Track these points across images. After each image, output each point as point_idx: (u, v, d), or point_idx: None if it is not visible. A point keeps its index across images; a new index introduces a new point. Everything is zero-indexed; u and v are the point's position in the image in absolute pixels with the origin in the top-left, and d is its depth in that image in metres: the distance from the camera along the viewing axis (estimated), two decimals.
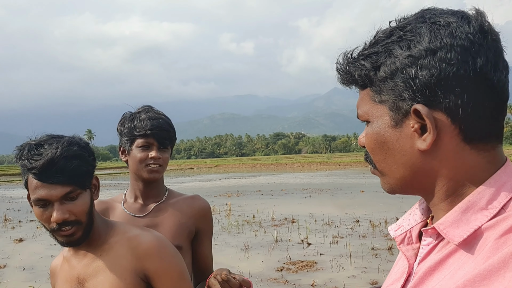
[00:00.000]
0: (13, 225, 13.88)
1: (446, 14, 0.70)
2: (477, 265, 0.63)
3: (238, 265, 7.93)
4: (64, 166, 1.26)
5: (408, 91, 0.68)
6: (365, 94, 0.76)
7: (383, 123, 0.73)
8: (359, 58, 0.75)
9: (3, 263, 8.88)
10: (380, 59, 0.72)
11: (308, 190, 22.89)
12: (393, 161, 0.74)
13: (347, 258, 8.12)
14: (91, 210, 1.36)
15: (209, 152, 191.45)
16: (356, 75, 0.75)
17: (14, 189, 33.02)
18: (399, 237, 0.81)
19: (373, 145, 0.76)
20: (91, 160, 1.36)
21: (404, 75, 0.68)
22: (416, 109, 0.68)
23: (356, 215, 12.78)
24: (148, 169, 1.83)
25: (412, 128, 0.70)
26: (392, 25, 0.75)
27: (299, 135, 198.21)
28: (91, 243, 1.39)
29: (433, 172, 0.71)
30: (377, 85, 0.73)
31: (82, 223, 1.32)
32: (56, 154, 1.26)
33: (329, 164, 56.09)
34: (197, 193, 2.10)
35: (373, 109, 0.75)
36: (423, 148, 0.69)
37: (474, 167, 0.69)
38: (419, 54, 0.67)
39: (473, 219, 0.67)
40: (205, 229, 1.93)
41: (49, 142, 1.29)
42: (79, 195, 1.31)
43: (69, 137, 1.35)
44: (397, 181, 0.75)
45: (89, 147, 1.39)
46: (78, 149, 1.31)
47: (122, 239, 1.40)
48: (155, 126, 1.82)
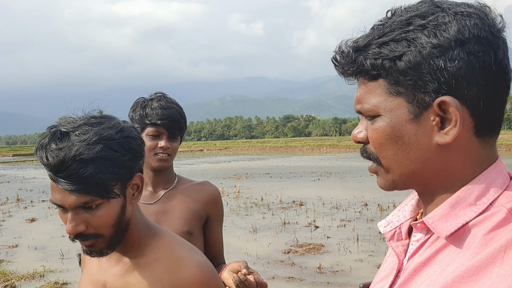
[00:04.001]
0: (25, 205, 14.11)
1: (463, 5, 0.69)
2: (465, 261, 0.63)
3: (246, 247, 8.01)
4: (76, 172, 1.00)
5: (433, 83, 0.65)
6: (375, 86, 0.71)
7: (399, 117, 0.69)
8: (372, 45, 0.69)
9: (15, 243, 9.06)
10: (401, 48, 0.67)
11: (317, 173, 22.89)
12: (406, 156, 0.70)
13: (354, 242, 8.15)
14: (119, 220, 1.10)
15: (219, 134, 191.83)
16: (368, 64, 0.69)
17: (26, 169, 33.46)
18: (388, 233, 0.81)
19: (383, 140, 0.71)
20: (127, 160, 1.07)
21: (431, 66, 0.65)
22: (442, 101, 0.66)
23: (364, 199, 12.78)
24: (157, 158, 1.84)
25: (433, 121, 0.67)
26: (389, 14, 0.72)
27: (309, 118, 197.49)
28: (127, 249, 1.17)
29: (442, 167, 0.69)
30: (394, 75, 0.68)
31: (103, 236, 1.09)
32: (68, 156, 1.00)
33: (339, 147, 55.94)
34: (206, 175, 2.12)
35: (387, 101, 0.70)
36: (444, 142, 0.67)
37: (477, 162, 0.69)
38: (448, 44, 0.65)
39: (462, 214, 0.67)
40: (216, 215, 1.95)
41: (78, 132, 1.04)
42: (100, 206, 1.05)
43: (102, 128, 1.06)
44: (403, 177, 0.72)
45: (128, 141, 1.09)
46: (104, 149, 1.03)
47: (163, 258, 1.16)
48: (166, 116, 1.82)
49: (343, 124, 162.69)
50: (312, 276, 6.41)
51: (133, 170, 1.11)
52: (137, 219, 1.18)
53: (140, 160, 1.13)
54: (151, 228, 1.22)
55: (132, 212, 1.16)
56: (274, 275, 6.48)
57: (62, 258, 7.74)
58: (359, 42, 0.71)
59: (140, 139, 1.15)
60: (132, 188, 1.13)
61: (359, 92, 0.74)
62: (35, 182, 21.15)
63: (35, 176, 24.64)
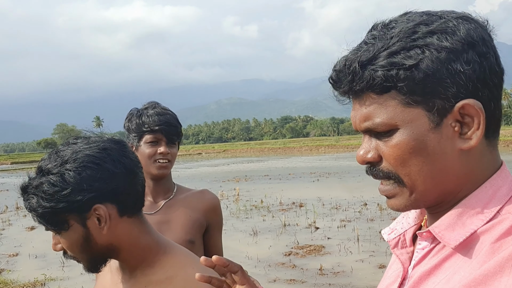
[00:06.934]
0: (25, 213, 14.07)
1: (454, 12, 0.69)
2: (473, 270, 0.62)
3: (247, 250, 8.00)
4: (27, 205, 1.08)
5: (453, 88, 0.64)
6: (386, 99, 0.67)
7: (421, 127, 0.65)
8: (382, 58, 0.65)
9: (15, 251, 9.03)
10: (416, 55, 0.64)
11: (316, 173, 22.89)
12: (432, 168, 0.66)
13: (354, 242, 8.15)
14: (85, 247, 1.08)
15: (217, 137, 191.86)
16: (381, 76, 0.65)
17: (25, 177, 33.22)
18: (392, 241, 0.80)
19: (407, 155, 0.66)
20: (67, 195, 1.02)
21: (449, 70, 0.64)
22: (465, 104, 0.64)
23: (364, 198, 12.78)
24: (157, 165, 1.85)
25: (454, 127, 0.65)
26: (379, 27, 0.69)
27: (307, 119, 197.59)
28: (134, 266, 1.15)
29: (463, 173, 0.67)
30: (410, 85, 0.65)
31: (79, 257, 1.11)
32: (26, 189, 1.09)
33: (337, 147, 55.94)
34: (205, 178, 2.14)
35: (404, 113, 0.66)
36: (468, 147, 0.65)
37: (488, 165, 0.69)
38: (461, 47, 0.64)
39: (469, 223, 0.66)
40: (216, 223, 1.97)
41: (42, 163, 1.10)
42: (62, 233, 1.08)
43: (50, 159, 1.07)
44: (427, 193, 0.68)
45: (75, 173, 1.03)
46: (41, 184, 1.05)
47: (176, 276, 1.13)
48: (163, 122, 1.84)
49: (341, 124, 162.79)
50: (313, 278, 6.40)
51: (83, 203, 1.04)
52: (138, 237, 1.14)
53: (91, 193, 1.04)
54: (160, 244, 1.18)
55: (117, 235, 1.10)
56: (275, 278, 6.47)
57: (62, 266, 7.71)
58: (362, 57, 0.67)
59: (107, 165, 1.06)
60: (97, 218, 1.06)
61: (366, 109, 0.69)
62: None
63: None
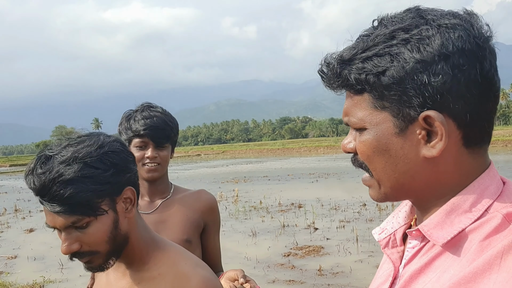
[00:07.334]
0: (23, 215, 14.06)
1: (448, 16, 0.67)
2: (462, 268, 0.63)
3: (246, 251, 8.00)
4: (57, 194, 1.01)
5: (418, 98, 0.65)
6: (360, 100, 0.71)
7: (385, 131, 0.69)
8: (356, 60, 0.68)
9: (14, 254, 9.02)
10: (384, 63, 0.66)
11: (315, 174, 22.91)
12: (394, 169, 0.70)
13: (354, 243, 8.16)
14: (113, 236, 1.09)
15: (216, 138, 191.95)
16: (353, 79, 0.69)
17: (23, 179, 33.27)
18: (383, 241, 0.80)
19: (371, 153, 0.71)
20: (109, 176, 1.05)
21: (415, 81, 0.65)
22: (427, 115, 0.65)
23: (363, 199, 12.79)
24: (145, 168, 1.84)
25: (419, 135, 0.67)
26: (375, 23, 0.71)
27: (306, 119, 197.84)
28: (131, 263, 1.17)
29: (432, 178, 0.69)
30: (379, 90, 0.67)
31: (99, 253, 1.08)
32: (48, 178, 1.01)
33: (336, 148, 55.96)
34: (204, 180, 2.14)
35: (372, 115, 0.70)
36: (431, 155, 0.67)
37: (467, 171, 0.69)
38: (431, 59, 0.64)
39: (457, 222, 0.67)
40: (213, 223, 1.97)
41: (60, 154, 1.04)
42: (90, 223, 1.05)
43: (81, 147, 1.05)
44: (393, 190, 0.72)
45: (110, 156, 1.07)
46: (82, 167, 1.02)
47: (167, 273, 1.16)
48: (148, 126, 1.82)
49: (340, 124, 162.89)
50: (312, 278, 6.40)
51: (120, 184, 1.09)
52: (139, 232, 1.17)
53: (127, 173, 1.11)
54: (155, 241, 1.21)
55: (131, 226, 1.14)
56: (274, 279, 6.47)
57: (61, 268, 7.71)
58: (344, 56, 0.70)
59: (125, 152, 1.13)
60: (124, 202, 1.11)
61: (346, 105, 0.74)
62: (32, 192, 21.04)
63: None
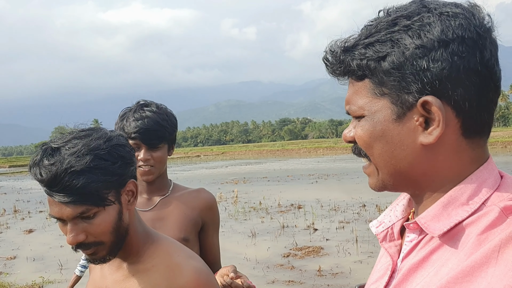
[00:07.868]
0: (22, 216, 14.05)
1: (450, 5, 0.68)
2: (460, 262, 0.63)
3: (245, 252, 8.00)
4: (69, 185, 1.03)
5: (416, 84, 0.66)
6: (361, 87, 0.72)
7: (383, 117, 0.70)
8: (359, 46, 0.70)
9: (13, 254, 9.01)
10: (385, 49, 0.68)
11: (314, 175, 22.90)
12: (391, 155, 0.71)
13: (353, 243, 8.16)
14: (118, 226, 1.13)
15: (215, 139, 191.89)
16: (355, 65, 0.70)
17: (23, 180, 33.32)
18: (381, 234, 0.80)
19: (368, 139, 0.72)
20: (117, 168, 1.10)
21: (414, 66, 0.66)
22: (425, 101, 0.66)
23: (362, 200, 12.79)
24: (140, 170, 1.81)
25: (416, 121, 0.67)
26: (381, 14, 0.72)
27: (305, 121, 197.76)
28: (127, 255, 1.21)
29: (430, 167, 0.69)
30: (379, 76, 0.69)
31: (104, 243, 1.12)
32: (60, 169, 1.03)
33: (336, 149, 55.97)
34: (204, 181, 2.12)
35: (371, 103, 0.71)
36: (428, 142, 0.67)
37: (466, 162, 0.69)
38: (431, 45, 0.65)
39: (454, 214, 0.67)
40: (212, 222, 1.95)
41: (68, 146, 1.07)
42: (97, 214, 1.09)
43: (90, 139, 1.09)
44: (391, 177, 0.73)
45: (117, 149, 1.11)
46: (93, 159, 1.05)
47: (161, 264, 1.20)
48: (139, 128, 1.78)
49: (339, 126, 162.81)
50: (312, 279, 6.40)
51: (126, 177, 1.13)
52: (136, 225, 1.21)
53: (131, 166, 1.16)
54: (149, 234, 1.25)
55: (130, 219, 1.18)
56: (274, 279, 6.47)
57: (60, 269, 7.70)
58: (347, 43, 0.72)
59: (129, 146, 1.18)
60: (127, 194, 1.16)
61: (348, 94, 0.75)
62: (32, 193, 21.05)
63: (32, 187, 24.52)
